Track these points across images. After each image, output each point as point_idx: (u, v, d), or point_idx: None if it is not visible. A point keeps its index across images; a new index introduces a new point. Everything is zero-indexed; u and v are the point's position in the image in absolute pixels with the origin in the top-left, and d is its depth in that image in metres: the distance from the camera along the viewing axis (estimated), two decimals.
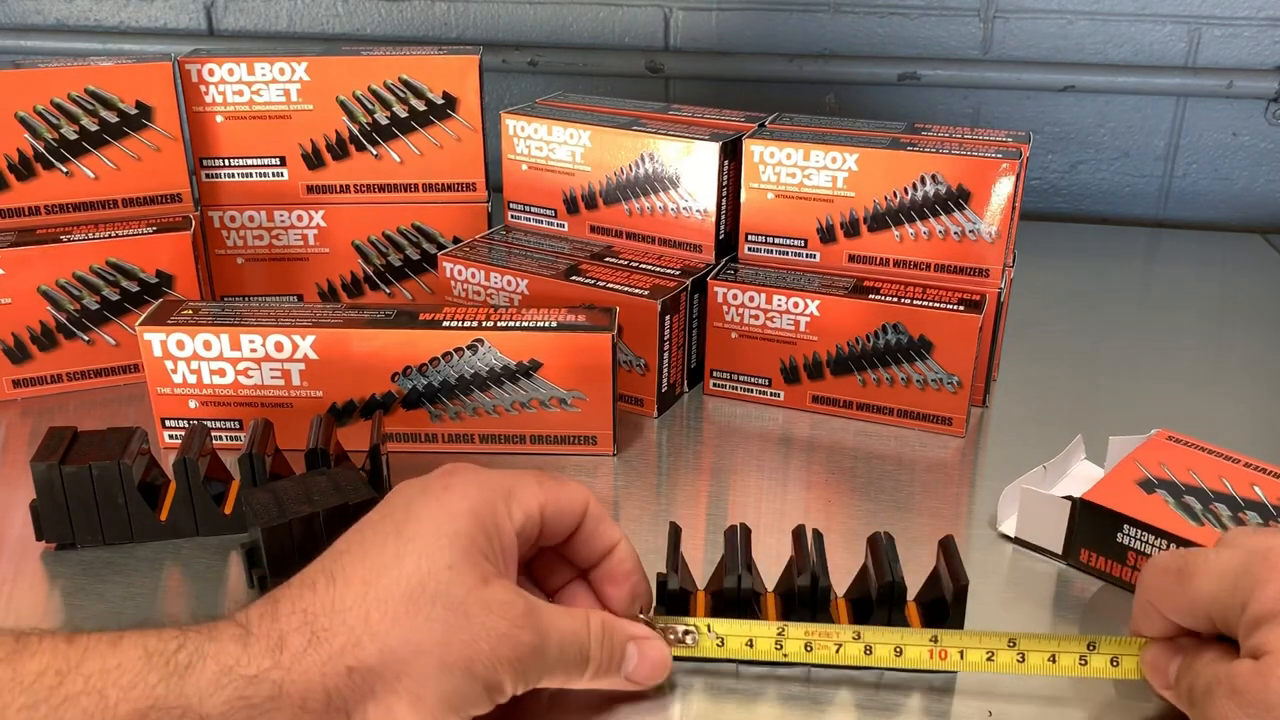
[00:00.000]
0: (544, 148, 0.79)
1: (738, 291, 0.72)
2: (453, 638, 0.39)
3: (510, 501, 0.43)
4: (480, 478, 0.44)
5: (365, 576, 0.40)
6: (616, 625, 0.45)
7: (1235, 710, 0.39)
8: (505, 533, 0.43)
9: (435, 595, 0.39)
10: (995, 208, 0.69)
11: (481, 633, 0.39)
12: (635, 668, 0.45)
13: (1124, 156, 1.18)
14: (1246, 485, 0.57)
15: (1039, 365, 0.81)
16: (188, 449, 0.58)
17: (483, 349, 0.65)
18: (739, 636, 0.48)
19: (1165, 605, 0.43)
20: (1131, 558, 0.54)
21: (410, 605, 0.39)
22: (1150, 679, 0.45)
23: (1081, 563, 0.56)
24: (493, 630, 0.40)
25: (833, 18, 1.16)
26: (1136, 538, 0.54)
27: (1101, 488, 0.56)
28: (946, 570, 0.49)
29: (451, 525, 0.41)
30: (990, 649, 0.46)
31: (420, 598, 0.39)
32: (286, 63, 0.79)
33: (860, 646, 0.47)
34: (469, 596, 0.40)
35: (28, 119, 0.75)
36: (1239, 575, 0.41)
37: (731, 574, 0.48)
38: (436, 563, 0.40)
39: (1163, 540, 0.53)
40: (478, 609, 0.40)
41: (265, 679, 0.36)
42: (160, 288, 0.76)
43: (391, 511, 0.42)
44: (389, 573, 0.39)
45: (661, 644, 0.47)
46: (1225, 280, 1.03)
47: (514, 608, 0.41)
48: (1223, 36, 1.11)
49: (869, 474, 0.66)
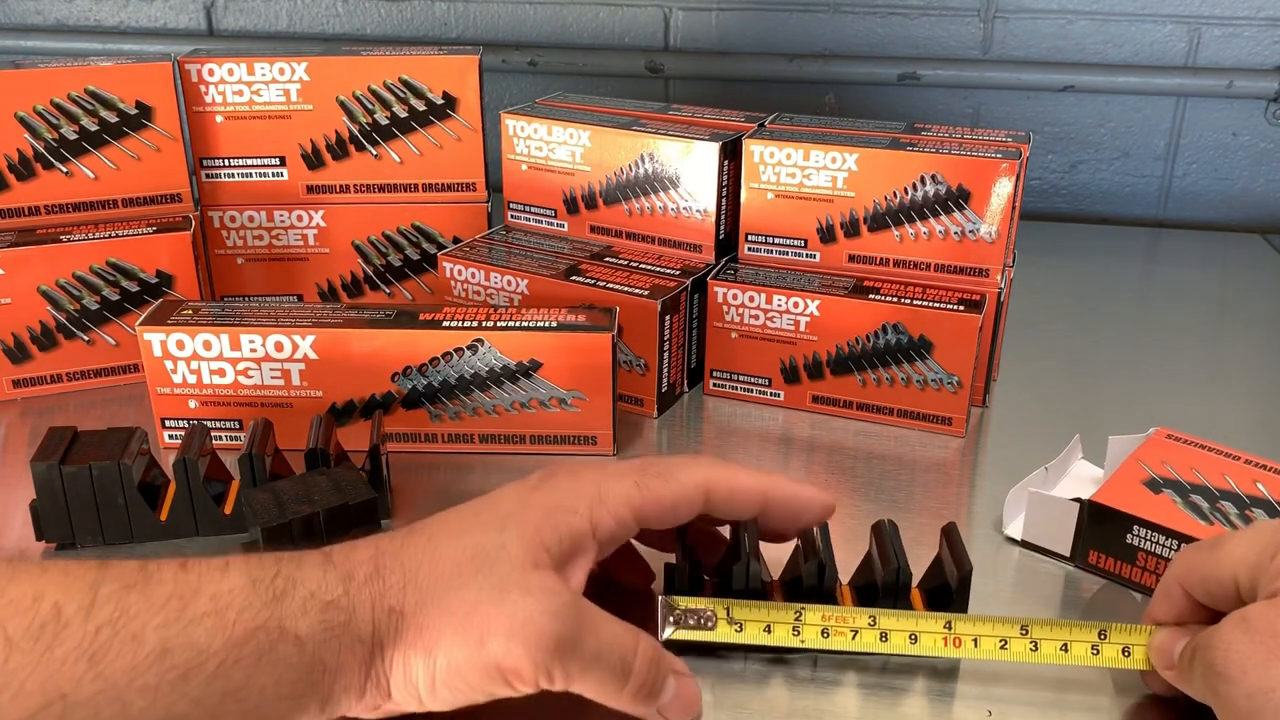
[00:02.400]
0: (544, 148, 0.79)
1: (738, 291, 0.72)
2: (480, 609, 0.40)
3: (598, 506, 0.44)
4: (573, 480, 0.45)
5: (434, 537, 0.42)
6: (665, 654, 0.44)
7: (1242, 636, 0.39)
8: (579, 534, 0.43)
9: (480, 567, 0.41)
10: (995, 208, 0.69)
11: (509, 610, 0.40)
12: (670, 701, 0.44)
13: (1124, 156, 1.18)
14: (1250, 482, 0.57)
15: (1039, 365, 0.81)
16: (188, 449, 0.58)
17: (483, 349, 0.65)
18: (757, 622, 0.47)
19: (1193, 578, 0.44)
20: (1141, 558, 0.54)
21: (456, 569, 0.41)
22: (1154, 661, 0.45)
23: (1090, 564, 0.56)
24: (521, 611, 0.40)
25: (833, 18, 1.16)
26: (1146, 538, 0.54)
27: (1109, 489, 0.56)
28: (950, 557, 0.49)
29: (522, 514, 0.43)
30: (1004, 636, 0.46)
31: (467, 566, 0.41)
32: (286, 63, 0.79)
33: (876, 634, 0.47)
34: (511, 576, 0.41)
35: (28, 119, 0.75)
36: (1274, 534, 0.42)
37: (740, 562, 0.48)
38: (494, 540, 0.42)
39: (1173, 540, 0.53)
40: (515, 589, 0.41)
41: (338, 605, 0.39)
42: (160, 288, 0.76)
43: (486, 497, 0.45)
44: (454, 539, 0.42)
45: (695, 684, 0.45)
46: (1225, 280, 1.03)
47: (554, 597, 0.41)
48: (1223, 36, 1.11)
49: (869, 474, 0.66)
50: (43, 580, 0.37)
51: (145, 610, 0.37)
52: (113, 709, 0.35)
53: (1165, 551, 0.53)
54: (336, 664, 0.39)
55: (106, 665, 0.35)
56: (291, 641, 0.38)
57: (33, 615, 0.35)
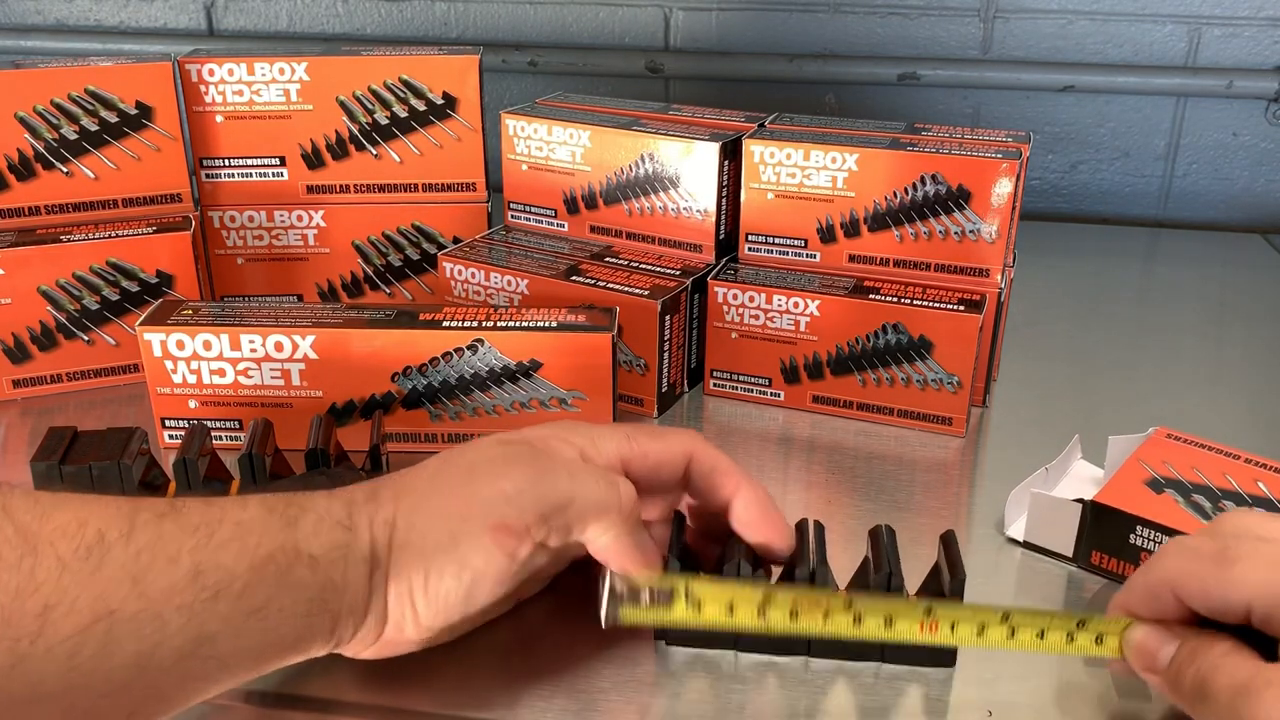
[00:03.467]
0: (544, 148, 0.79)
1: (738, 291, 0.72)
2: (467, 494, 0.44)
3: (589, 447, 0.48)
4: (569, 429, 0.49)
5: (427, 465, 0.47)
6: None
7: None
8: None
9: (469, 478, 0.45)
10: (995, 208, 0.69)
11: (495, 486, 0.44)
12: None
13: (1124, 156, 1.18)
14: (1250, 481, 0.57)
15: (1039, 365, 0.81)
16: (187, 449, 0.58)
17: (483, 349, 0.65)
18: (718, 600, 0.45)
19: (1192, 589, 0.42)
20: (1144, 558, 0.54)
21: (447, 481, 0.45)
22: (1133, 660, 0.44)
23: (1092, 564, 0.56)
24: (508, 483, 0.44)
25: (833, 18, 1.16)
26: (1150, 538, 0.54)
27: (1111, 489, 0.56)
28: (946, 564, 0.49)
29: (514, 448, 0.46)
30: (983, 622, 0.45)
31: (457, 477, 0.45)
32: (286, 63, 0.79)
33: (850, 616, 0.45)
34: (497, 471, 0.45)
35: (28, 119, 0.75)
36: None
37: (731, 562, 0.48)
38: (482, 456, 0.46)
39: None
40: (502, 479, 0.45)
41: (342, 525, 0.43)
42: (160, 288, 0.76)
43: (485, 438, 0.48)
44: (445, 463, 0.46)
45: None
46: (1225, 280, 1.03)
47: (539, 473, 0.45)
48: (1223, 36, 1.11)
49: (869, 474, 0.66)
50: (86, 508, 0.39)
51: (179, 535, 0.39)
52: (153, 625, 0.37)
53: None
54: (343, 581, 0.42)
55: (148, 585, 0.38)
56: (305, 562, 0.41)
57: (80, 538, 0.37)
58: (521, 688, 0.48)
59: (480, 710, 0.46)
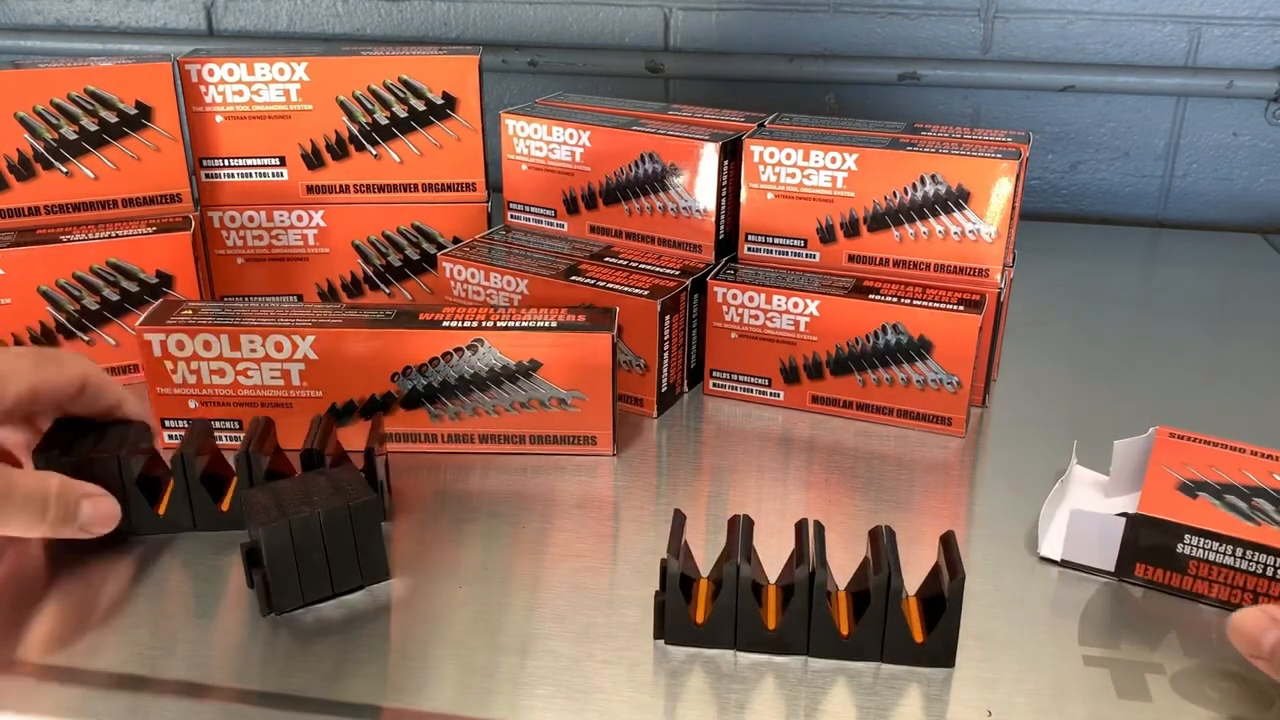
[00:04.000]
0: (544, 148, 0.79)
1: (737, 291, 0.72)
2: None
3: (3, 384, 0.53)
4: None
5: None
6: (72, 485, 0.53)
7: None
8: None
9: None
10: (995, 208, 0.69)
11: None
12: (89, 519, 0.54)
13: (1124, 156, 1.18)
14: (1267, 474, 0.57)
15: (1039, 365, 0.81)
16: (188, 445, 0.58)
17: (482, 349, 0.65)
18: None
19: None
20: (1193, 566, 0.53)
21: None
22: (1238, 643, 0.45)
23: (1136, 577, 0.55)
24: None
25: (833, 18, 1.16)
26: (1199, 545, 0.53)
27: (1149, 500, 0.55)
28: (946, 565, 0.49)
29: None
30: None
31: None
32: (286, 63, 0.79)
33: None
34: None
35: (28, 119, 0.75)
36: None
37: (731, 562, 0.48)
38: None
39: (1226, 545, 0.52)
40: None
41: None
42: (160, 288, 0.76)
43: None
44: None
45: (111, 500, 0.55)
46: (1225, 280, 1.03)
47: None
48: (1223, 36, 1.11)
49: (869, 474, 0.66)
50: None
51: None
52: None
53: (1218, 557, 0.53)
54: None
55: None
56: None
57: None
58: (521, 688, 0.48)
59: (480, 710, 0.46)
